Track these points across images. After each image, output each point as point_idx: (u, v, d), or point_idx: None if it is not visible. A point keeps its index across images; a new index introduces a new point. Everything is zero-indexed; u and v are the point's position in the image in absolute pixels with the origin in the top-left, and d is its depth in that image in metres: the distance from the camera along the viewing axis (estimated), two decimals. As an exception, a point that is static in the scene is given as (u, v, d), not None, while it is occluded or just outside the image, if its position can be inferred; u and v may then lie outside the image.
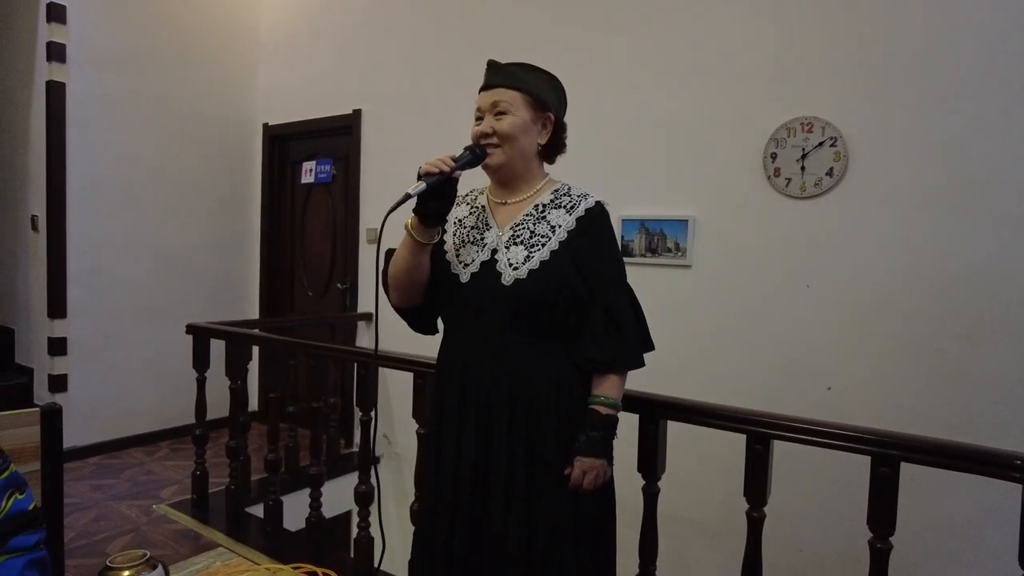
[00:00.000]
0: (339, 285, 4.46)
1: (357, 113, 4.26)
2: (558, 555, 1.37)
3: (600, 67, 3.26)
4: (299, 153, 4.74)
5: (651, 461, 1.73)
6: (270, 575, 0.79)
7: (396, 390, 3.80)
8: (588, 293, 1.39)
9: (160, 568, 0.79)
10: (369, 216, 4.28)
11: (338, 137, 4.45)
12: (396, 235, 1.46)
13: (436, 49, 3.92)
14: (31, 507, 1.01)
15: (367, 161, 4.26)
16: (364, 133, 4.26)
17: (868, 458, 1.46)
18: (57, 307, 3.85)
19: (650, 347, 1.46)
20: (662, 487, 1.77)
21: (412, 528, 1.68)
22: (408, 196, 1.28)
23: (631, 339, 1.41)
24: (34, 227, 3.96)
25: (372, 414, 2.45)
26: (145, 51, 4.18)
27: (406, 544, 3.71)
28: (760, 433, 1.59)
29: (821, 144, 2.69)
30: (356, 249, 4.33)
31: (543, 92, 1.44)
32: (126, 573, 0.78)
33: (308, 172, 4.62)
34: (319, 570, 0.81)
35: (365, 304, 4.29)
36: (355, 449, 4.19)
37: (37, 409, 1.39)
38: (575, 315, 1.39)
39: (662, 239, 3.06)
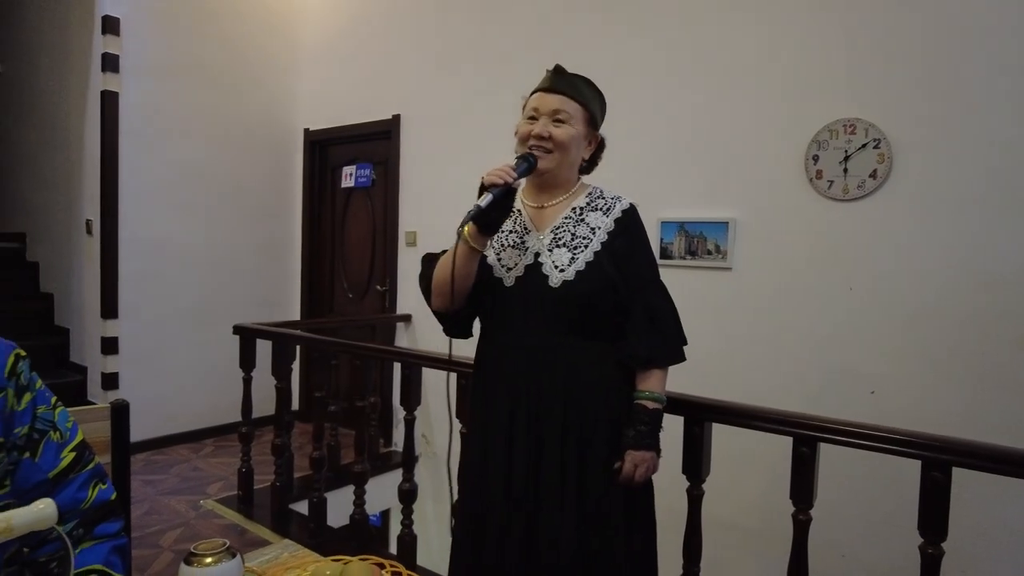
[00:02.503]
0: (378, 287, 4.54)
1: (396, 118, 4.34)
2: (610, 551, 1.40)
3: (639, 69, 3.27)
4: (339, 158, 4.84)
5: (696, 463, 1.74)
6: (341, 566, 0.83)
7: (434, 391, 3.86)
8: (630, 291, 1.44)
9: (239, 557, 0.84)
10: (408, 219, 4.34)
11: (378, 142, 4.53)
12: (432, 243, 1.49)
13: (474, 54, 3.97)
14: (113, 497, 1.07)
15: (406, 165, 4.33)
16: (403, 137, 4.33)
17: (916, 462, 1.45)
18: (109, 308, 4.00)
19: (685, 340, 1.51)
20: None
21: (450, 525, 1.71)
22: (480, 208, 1.32)
23: (671, 334, 1.47)
24: (89, 231, 4.11)
25: (417, 413, 2.52)
26: (192, 61, 4.32)
27: (444, 541, 3.75)
28: (806, 436, 1.59)
29: (864, 146, 2.66)
30: (395, 252, 4.40)
31: (597, 112, 1.50)
32: (209, 560, 0.82)
33: (348, 176, 4.71)
34: (386, 562, 0.85)
35: (404, 306, 4.36)
36: (394, 448, 4.27)
37: (108, 405, 1.46)
38: (619, 313, 1.44)
39: (702, 241, 3.05)
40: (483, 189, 1.34)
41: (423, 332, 4.25)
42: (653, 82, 3.23)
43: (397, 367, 3.97)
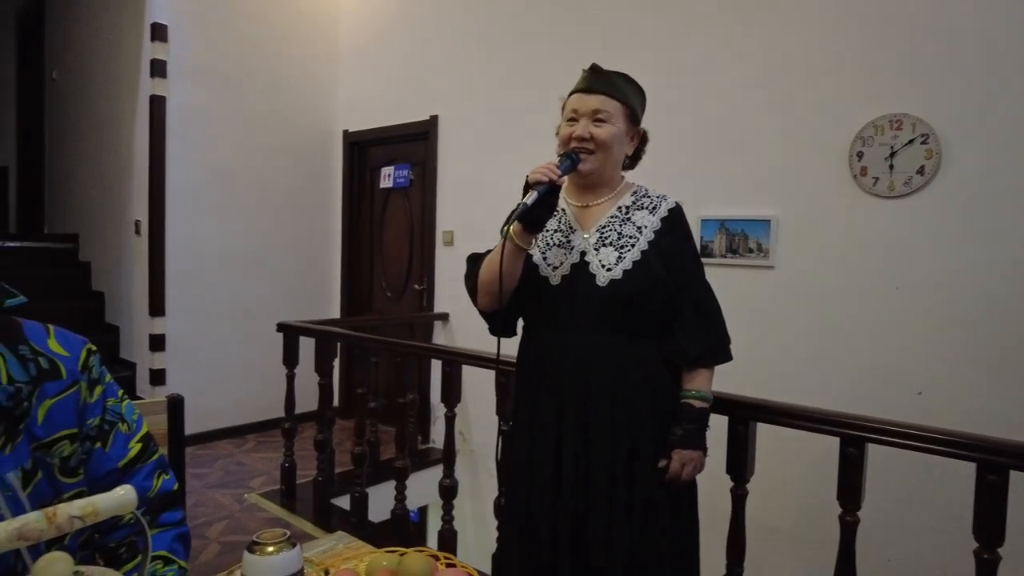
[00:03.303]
0: (416, 286, 4.59)
1: (434, 119, 4.38)
2: (656, 549, 1.40)
3: (679, 65, 3.25)
4: (378, 159, 4.90)
5: (740, 463, 1.73)
6: (398, 557, 0.85)
7: (471, 388, 3.89)
8: (677, 290, 1.44)
9: (299, 547, 0.86)
10: (445, 219, 4.38)
11: (415, 142, 4.58)
12: (471, 242, 1.50)
13: (511, 53, 3.99)
14: (175, 487, 1.11)
15: (443, 165, 4.37)
16: (441, 138, 4.37)
17: (968, 465, 1.41)
18: (157, 306, 4.13)
19: (729, 339, 1.52)
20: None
21: (488, 523, 1.72)
22: (525, 206, 1.32)
23: (719, 333, 1.48)
24: (137, 231, 4.25)
25: (457, 410, 2.54)
26: (236, 65, 4.43)
27: (480, 538, 3.78)
28: (854, 436, 1.57)
29: (911, 141, 2.60)
30: (432, 251, 4.44)
31: (637, 106, 1.49)
32: (270, 548, 0.85)
33: (387, 177, 4.77)
34: (440, 554, 0.87)
35: (441, 304, 4.40)
36: (431, 445, 4.31)
37: (164, 399, 1.51)
38: (666, 312, 1.44)
39: (743, 239, 3.02)
40: (528, 187, 1.35)
41: (460, 330, 4.28)
42: (692, 78, 3.21)
43: (434, 365, 4.03)
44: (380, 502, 3.24)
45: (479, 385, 2.83)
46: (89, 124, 4.93)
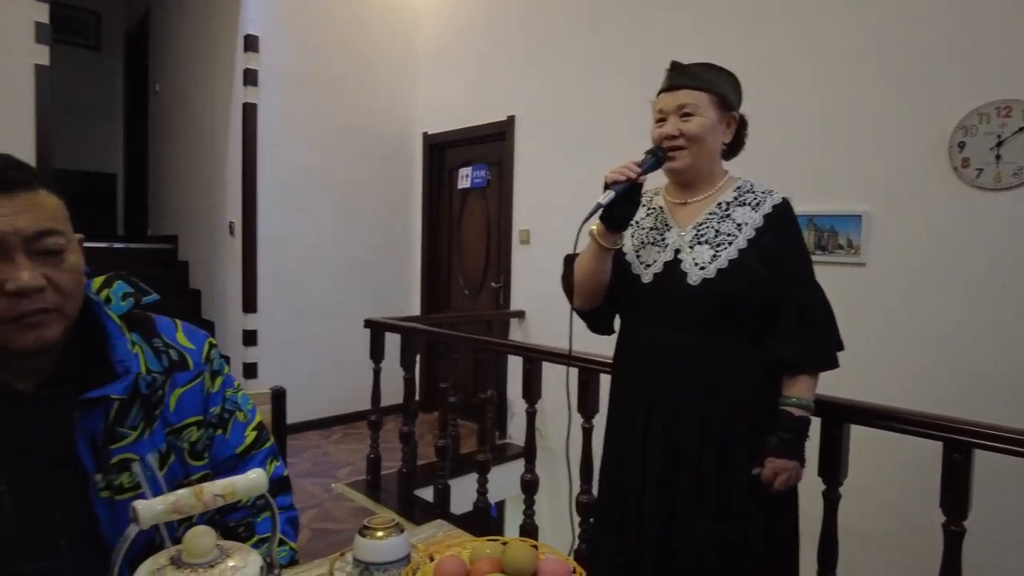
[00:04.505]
0: (492, 284, 4.66)
1: (511, 119, 4.43)
2: (748, 559, 1.37)
3: (764, 57, 3.16)
4: (456, 159, 5.00)
5: (834, 465, 1.68)
6: (501, 546, 0.88)
7: (549, 385, 3.91)
8: (778, 291, 1.38)
9: (406, 533, 0.91)
10: (522, 218, 4.42)
11: (492, 143, 4.65)
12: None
13: (588, 53, 3.98)
14: (285, 473, 1.18)
15: (520, 165, 4.42)
16: (517, 138, 4.42)
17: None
18: (250, 303, 4.36)
19: (841, 346, 1.44)
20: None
21: (565, 518, 1.73)
22: (600, 206, 1.32)
23: (824, 338, 1.40)
24: (231, 232, 4.49)
25: (536, 407, 2.57)
26: (322, 72, 4.62)
27: (558, 534, 3.79)
28: (959, 441, 1.50)
29: (1022, 129, 2.44)
30: (509, 250, 4.49)
31: (728, 91, 1.44)
32: (380, 533, 0.89)
33: (464, 178, 4.86)
34: (540, 544, 0.89)
35: (517, 302, 4.44)
36: (508, 440, 4.37)
37: (269, 390, 1.61)
38: (764, 314, 1.39)
39: (832, 236, 2.91)
40: (606, 187, 1.34)
41: (536, 328, 4.32)
42: (779, 69, 3.11)
43: (511, 362, 4.07)
44: (460, 495, 3.31)
45: (557, 382, 2.84)
46: (187, 132, 5.25)
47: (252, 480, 0.72)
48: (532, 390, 2.54)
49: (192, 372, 1.00)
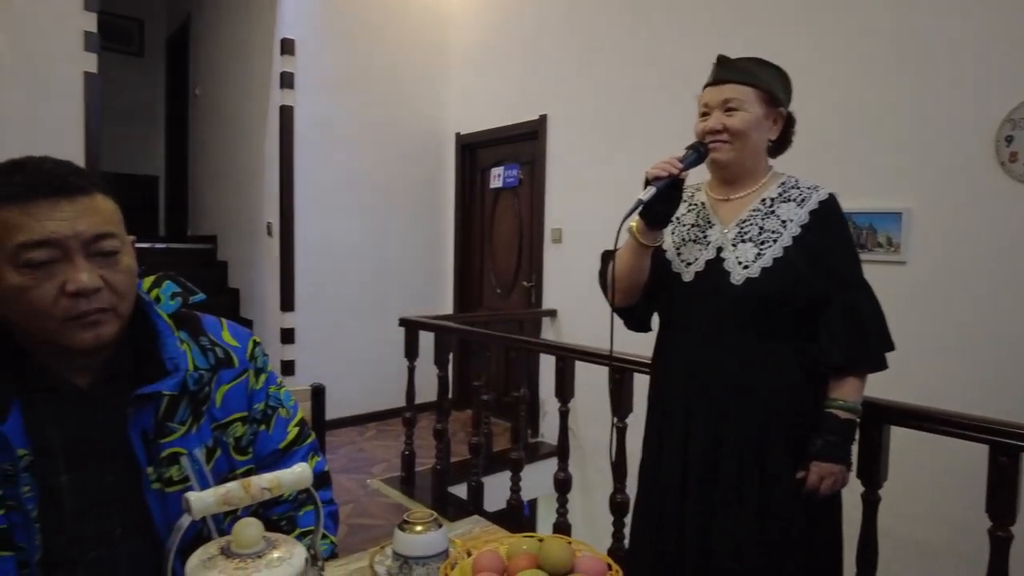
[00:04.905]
0: (524, 283, 4.67)
1: (543, 118, 4.43)
2: (789, 562, 1.35)
3: (802, 52, 3.10)
4: (488, 159, 5.03)
5: (874, 467, 1.65)
6: (537, 542, 0.89)
7: (581, 385, 3.91)
8: (824, 290, 1.34)
9: (444, 528, 0.93)
10: (554, 217, 4.42)
11: (524, 142, 4.66)
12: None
13: (620, 52, 3.97)
14: (326, 468, 1.21)
15: (552, 164, 4.42)
16: (549, 137, 4.42)
17: None
18: (287, 302, 4.45)
19: (891, 347, 1.40)
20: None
21: (597, 517, 1.73)
22: (641, 203, 1.29)
23: (871, 339, 1.36)
24: (269, 232, 4.59)
25: (569, 405, 2.58)
26: (355, 74, 4.68)
27: (590, 533, 3.79)
28: (1007, 444, 1.46)
29: (1072, 123, 2.36)
30: (541, 249, 4.50)
31: (775, 87, 1.41)
32: (419, 528, 0.91)
33: (496, 177, 4.88)
34: (574, 541, 0.90)
35: (549, 301, 4.45)
36: (540, 439, 4.37)
37: (308, 387, 1.65)
38: (809, 314, 1.35)
39: (872, 234, 2.85)
40: (647, 183, 1.31)
41: (568, 326, 4.31)
42: (816, 64, 3.05)
43: (542, 361, 4.08)
44: (493, 492, 3.33)
45: (590, 382, 2.85)
46: (226, 135, 5.37)
47: (297, 474, 0.75)
48: (565, 389, 2.54)
49: (237, 369, 1.03)
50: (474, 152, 5.13)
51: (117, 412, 0.89)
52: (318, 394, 1.66)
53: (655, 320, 1.59)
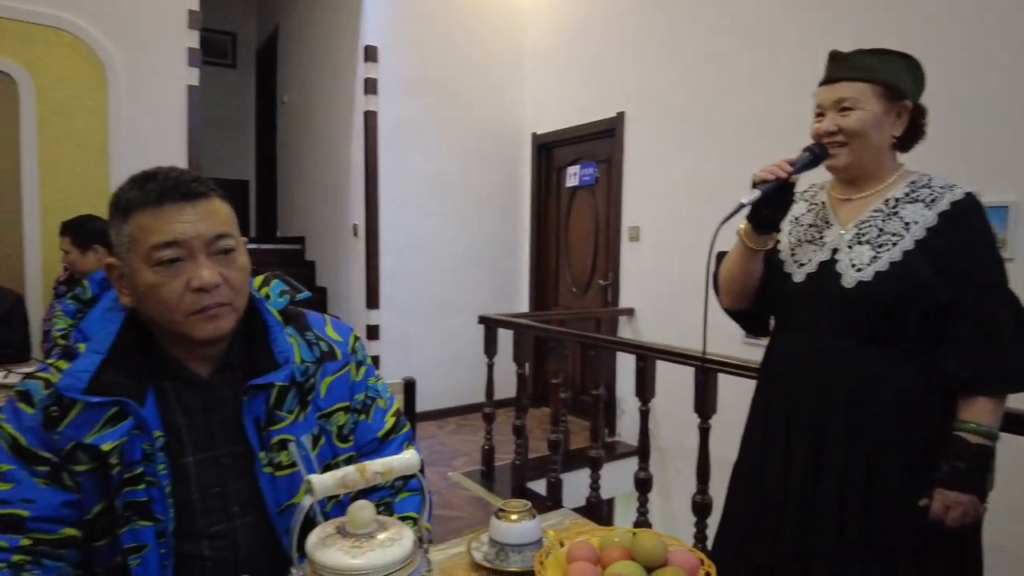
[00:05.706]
0: (600, 282, 4.65)
1: (620, 116, 4.40)
2: None
3: (893, 41, 2.96)
4: (563, 158, 5.04)
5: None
6: (629, 535, 0.90)
7: (660, 385, 3.86)
8: (953, 299, 1.22)
9: (538, 518, 0.96)
10: (631, 215, 4.39)
11: (600, 140, 4.64)
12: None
13: (700, 47, 3.89)
14: (420, 457, 1.26)
15: (629, 162, 4.38)
16: (627, 134, 4.39)
17: None
18: (373, 299, 4.61)
19: None
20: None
21: (675, 518, 1.71)
22: (742, 206, 1.26)
23: (1009, 355, 1.21)
24: (355, 234, 4.77)
25: (649, 405, 2.57)
26: (435, 78, 4.80)
27: (669, 533, 3.75)
28: None
29: None
30: (618, 247, 4.47)
31: (898, 79, 1.31)
32: (514, 516, 0.95)
33: (572, 176, 4.89)
34: (665, 536, 0.91)
35: (626, 300, 4.41)
36: (617, 438, 4.35)
37: (401, 381, 1.72)
38: (931, 323, 1.25)
39: (975, 229, 2.69)
40: (753, 186, 1.27)
41: (646, 325, 4.27)
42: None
43: (620, 360, 4.06)
44: (570, 489, 3.35)
45: (670, 382, 2.82)
46: (312, 140, 5.61)
47: (406, 460, 0.80)
48: (646, 388, 2.53)
49: (340, 362, 1.10)
50: (550, 152, 5.16)
51: (233, 400, 0.97)
52: (409, 387, 1.74)
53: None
